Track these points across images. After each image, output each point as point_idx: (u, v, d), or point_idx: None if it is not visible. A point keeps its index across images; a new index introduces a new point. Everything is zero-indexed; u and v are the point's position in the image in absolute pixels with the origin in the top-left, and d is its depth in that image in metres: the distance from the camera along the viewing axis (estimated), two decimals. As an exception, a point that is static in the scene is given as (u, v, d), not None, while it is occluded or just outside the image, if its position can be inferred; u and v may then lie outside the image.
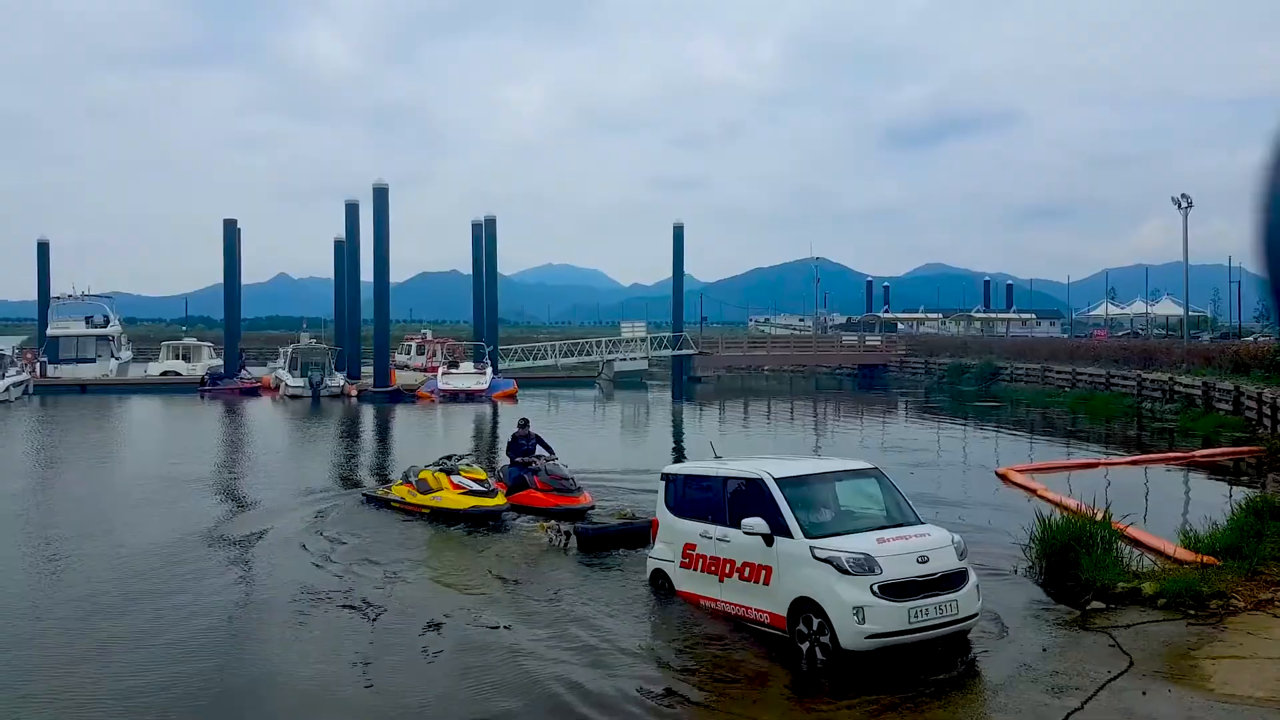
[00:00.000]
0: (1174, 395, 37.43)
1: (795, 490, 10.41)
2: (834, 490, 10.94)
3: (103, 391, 50.90)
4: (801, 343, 76.36)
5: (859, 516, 10.65)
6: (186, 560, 14.27)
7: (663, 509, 12.08)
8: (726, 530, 10.73)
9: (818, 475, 11.09)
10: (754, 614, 10.30)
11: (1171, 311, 71.53)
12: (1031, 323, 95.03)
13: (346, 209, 55.14)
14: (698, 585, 11.16)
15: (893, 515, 10.56)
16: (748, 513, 10.34)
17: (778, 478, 10.47)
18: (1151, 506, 17.97)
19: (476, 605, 11.78)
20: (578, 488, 17.68)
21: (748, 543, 10.30)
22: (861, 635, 9.16)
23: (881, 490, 11.00)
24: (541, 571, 13.58)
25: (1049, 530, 12.53)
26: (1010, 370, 52.77)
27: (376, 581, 12.89)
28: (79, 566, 14.13)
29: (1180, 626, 10.17)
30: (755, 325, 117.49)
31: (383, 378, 49.77)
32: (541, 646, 10.17)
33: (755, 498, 10.47)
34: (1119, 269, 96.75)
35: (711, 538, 10.96)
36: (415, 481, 17.64)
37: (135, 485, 21.85)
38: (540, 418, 40.31)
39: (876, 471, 11.37)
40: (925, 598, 9.35)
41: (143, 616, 11.44)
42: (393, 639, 10.53)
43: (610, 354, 62.96)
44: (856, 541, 9.74)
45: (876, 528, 10.17)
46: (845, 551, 9.51)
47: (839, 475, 11.24)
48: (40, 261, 61.42)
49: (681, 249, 63.56)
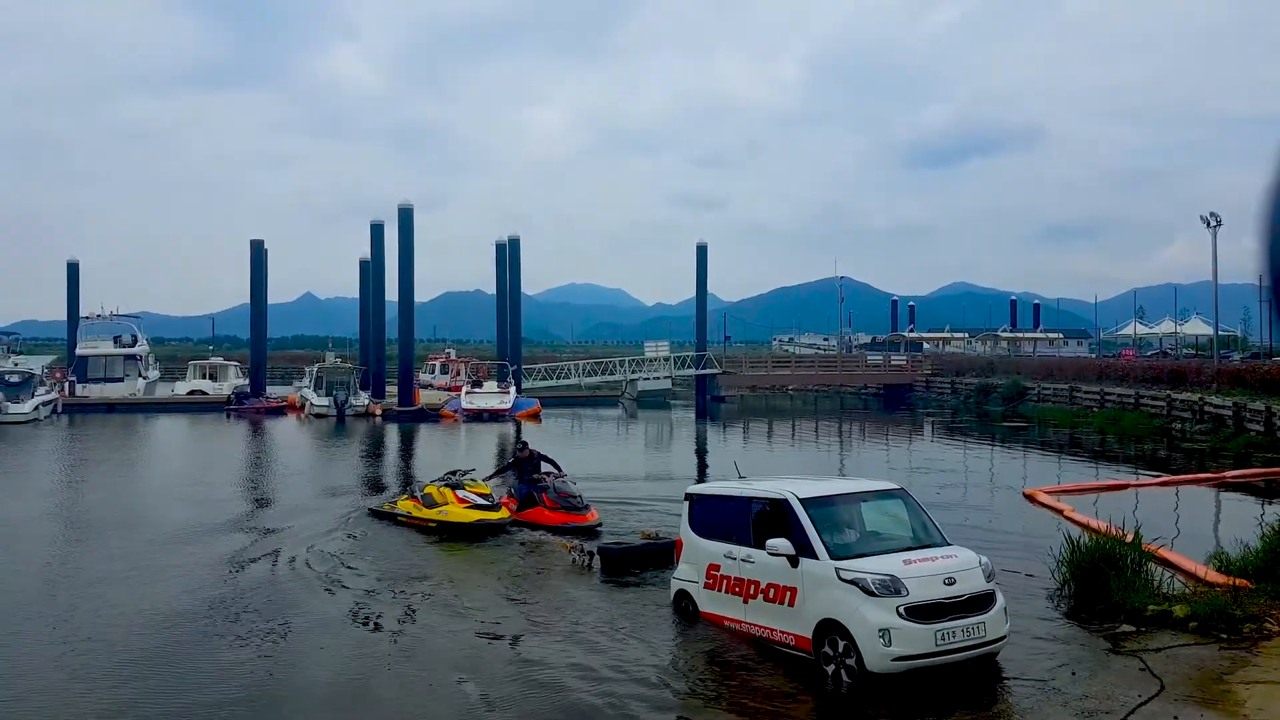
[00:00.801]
0: (1204, 416, 36.95)
1: (820, 511, 10.28)
2: (859, 511, 10.78)
3: (130, 410, 51.40)
4: (826, 362, 76.08)
5: (885, 538, 10.49)
6: (206, 588, 14.28)
7: (686, 529, 11.93)
8: (751, 551, 10.59)
9: (843, 496, 10.93)
10: (779, 636, 10.16)
11: (1201, 331, 70.63)
12: (1059, 342, 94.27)
13: (372, 230, 55.60)
14: (722, 606, 11.02)
15: (919, 536, 10.39)
16: (772, 533, 10.22)
17: (802, 498, 10.32)
18: (1182, 528, 17.69)
19: (497, 629, 11.67)
20: (585, 505, 17.97)
21: (772, 564, 10.17)
22: (888, 658, 9.00)
23: (907, 511, 10.82)
24: (565, 592, 13.46)
25: (1077, 552, 12.33)
26: (1038, 390, 52.30)
27: (395, 604, 12.84)
28: (104, 591, 14.19)
29: (1212, 650, 9.97)
30: (779, 344, 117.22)
31: (407, 397, 49.97)
32: (564, 671, 10.04)
33: (780, 518, 10.35)
34: (1147, 288, 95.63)
35: (736, 558, 10.82)
36: (421, 496, 18.16)
37: (161, 504, 21.97)
38: (564, 437, 40.69)
39: (902, 492, 11.21)
40: (952, 620, 9.20)
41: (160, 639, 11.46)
42: (415, 669, 10.32)
43: (634, 373, 63.01)
44: (882, 563, 9.58)
45: (903, 549, 10.01)
46: (871, 573, 9.37)
47: (864, 496, 11.07)
48: (70, 281, 62.17)
49: (705, 268, 63.57)
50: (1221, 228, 50.15)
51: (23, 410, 44.44)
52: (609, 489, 22.56)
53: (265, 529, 18.40)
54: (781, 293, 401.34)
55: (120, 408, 52.07)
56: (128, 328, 60.13)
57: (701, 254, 63.47)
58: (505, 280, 60.34)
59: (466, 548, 16.43)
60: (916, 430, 44.40)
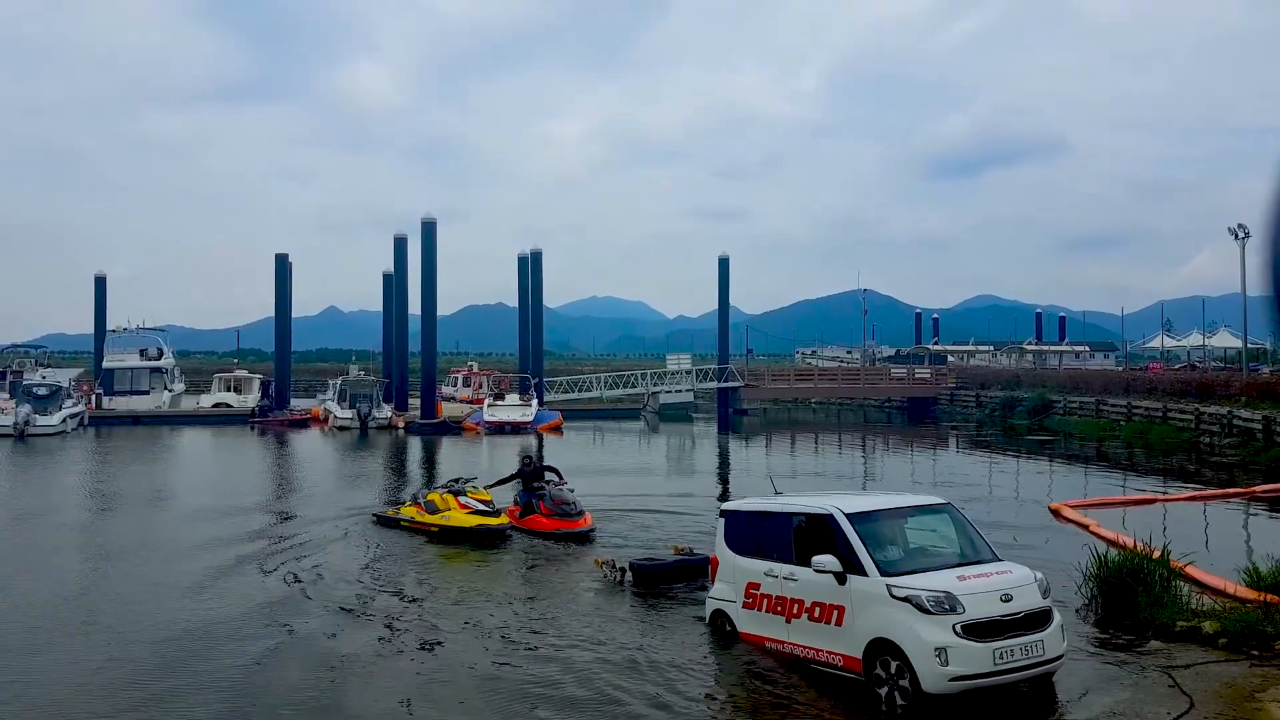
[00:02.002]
0: (1233, 429, 36.49)
1: (867, 526, 9.97)
2: (906, 526, 10.46)
3: (155, 423, 51.82)
4: (849, 375, 75.67)
5: (934, 553, 10.19)
6: (224, 604, 14.31)
7: (722, 547, 11.61)
8: (793, 569, 10.30)
9: (889, 510, 10.58)
10: (825, 656, 9.85)
11: (1229, 343, 69.80)
12: (1085, 355, 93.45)
13: (395, 244, 55.94)
14: (763, 626, 10.73)
15: (968, 552, 10.08)
16: (817, 550, 9.93)
17: (848, 513, 10.04)
18: (1212, 543, 17.45)
19: (527, 646, 11.44)
20: (579, 512, 18.71)
21: (818, 581, 9.85)
22: (944, 678, 8.71)
23: (955, 526, 10.49)
24: (599, 609, 13.23)
25: (1105, 567, 12.16)
26: (1064, 403, 51.83)
27: (421, 623, 12.75)
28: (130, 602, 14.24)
29: (1243, 667, 9.82)
30: (801, 357, 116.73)
31: (430, 410, 50.13)
32: (600, 694, 9.79)
33: (824, 534, 10.08)
34: (1174, 300, 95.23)
35: (777, 576, 10.52)
36: (424, 503, 18.96)
37: (182, 517, 22.08)
38: (585, 449, 40.65)
39: (949, 506, 10.86)
40: (1010, 638, 8.92)
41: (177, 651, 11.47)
42: (441, 689, 10.12)
43: (655, 386, 62.97)
44: (936, 579, 9.28)
45: (954, 565, 9.72)
46: (926, 590, 9.06)
47: (910, 510, 10.75)
48: (97, 295, 62.90)
49: (727, 280, 63.54)
50: (1250, 239, 49.61)
51: (51, 422, 44.89)
52: (634, 500, 22.56)
53: (281, 538, 18.44)
54: (803, 305, 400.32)
55: (146, 420, 52.52)
56: (154, 340, 60.69)
57: (723, 266, 63.46)
58: (527, 293, 60.57)
59: (495, 561, 16.42)
60: (941, 443, 44.06)
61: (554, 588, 14.63)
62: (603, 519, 19.56)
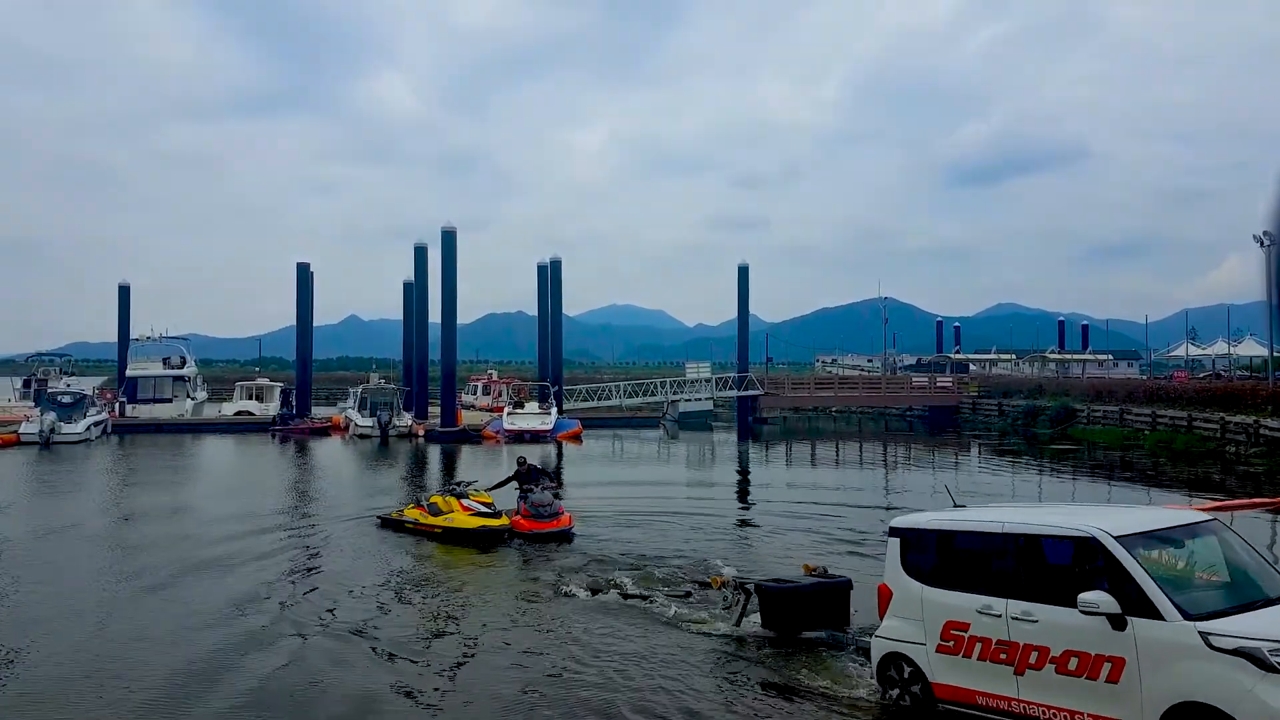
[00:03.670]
0: (1260, 438, 36.07)
1: (1147, 551, 7.92)
2: (1189, 551, 8.40)
3: (178, 431, 52.17)
4: (870, 383, 75.29)
5: (1238, 588, 8.02)
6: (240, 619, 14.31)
7: (900, 574, 9.54)
8: (1030, 606, 8.27)
9: (1165, 530, 8.44)
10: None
11: (1255, 352, 69.07)
12: (1108, 364, 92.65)
13: (415, 253, 56.17)
14: (975, 678, 8.66)
15: (1266, 585, 8.01)
16: (1064, 581, 8.10)
17: (1119, 535, 7.93)
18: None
19: (627, 689, 10.07)
20: (554, 513, 19.23)
21: (1077, 624, 7.83)
22: None
23: (1224, 549, 8.44)
24: (729, 641, 11.65)
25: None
26: (1087, 412, 51.44)
27: (455, 647, 12.51)
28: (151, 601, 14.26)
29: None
30: (822, 365, 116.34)
31: (449, 418, 50.20)
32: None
33: (1083, 563, 8.12)
34: (1199, 308, 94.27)
35: (999, 615, 8.48)
36: (427, 505, 19.74)
37: (202, 521, 22.14)
38: (604, 458, 40.56)
39: (1216, 524, 8.81)
40: None
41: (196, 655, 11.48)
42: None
43: (675, 394, 62.92)
44: (1263, 623, 7.21)
45: (1263, 601, 7.67)
46: (1265, 640, 6.93)
47: (1186, 530, 8.57)
48: (121, 304, 63.39)
49: (746, 289, 63.45)
50: (1276, 247, 49.05)
51: (75, 430, 45.28)
52: (649, 506, 22.47)
53: (305, 548, 18.48)
54: (823, 313, 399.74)
55: (168, 428, 52.90)
56: (176, 349, 61.22)
57: (743, 274, 63.38)
58: (546, 301, 60.63)
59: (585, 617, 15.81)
60: (963, 452, 43.73)
61: (672, 616, 12.87)
62: (629, 524, 19.74)
